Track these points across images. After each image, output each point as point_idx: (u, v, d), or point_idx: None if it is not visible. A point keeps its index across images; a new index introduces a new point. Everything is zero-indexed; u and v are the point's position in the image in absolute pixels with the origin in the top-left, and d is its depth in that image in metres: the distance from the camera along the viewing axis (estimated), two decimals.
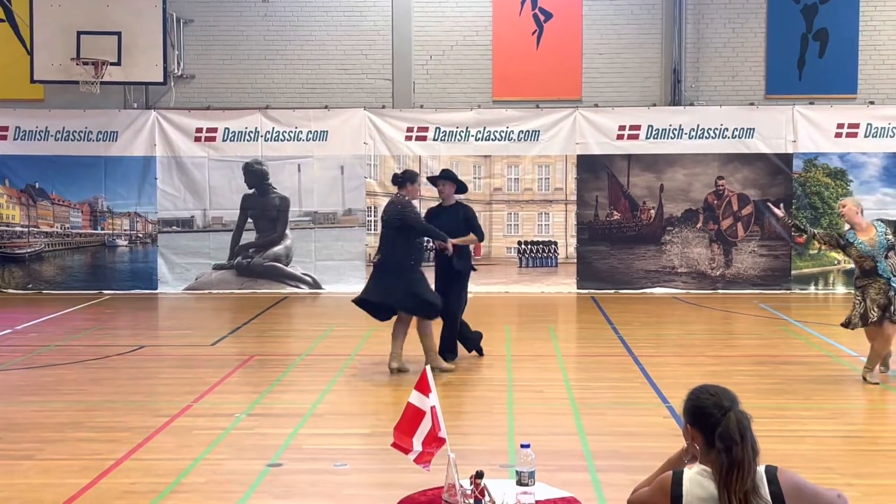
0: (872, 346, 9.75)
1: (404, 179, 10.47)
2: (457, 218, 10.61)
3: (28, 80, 16.39)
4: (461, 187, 11.07)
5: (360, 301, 10.36)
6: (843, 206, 9.94)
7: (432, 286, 10.55)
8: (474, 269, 11.15)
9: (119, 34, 16.05)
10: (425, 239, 10.67)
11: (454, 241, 10.27)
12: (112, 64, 16.00)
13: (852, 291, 10.08)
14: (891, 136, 16.55)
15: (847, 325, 9.89)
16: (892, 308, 9.50)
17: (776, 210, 10.65)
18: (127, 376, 10.37)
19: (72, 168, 16.99)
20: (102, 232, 17.23)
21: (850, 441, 7.90)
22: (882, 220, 10.00)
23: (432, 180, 11.33)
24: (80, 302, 15.86)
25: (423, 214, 10.82)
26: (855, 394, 9.68)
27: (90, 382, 10.04)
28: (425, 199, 14.08)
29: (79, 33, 15.93)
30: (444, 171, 11.48)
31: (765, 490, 3.63)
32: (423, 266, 10.45)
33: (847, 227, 10.00)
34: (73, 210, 17.20)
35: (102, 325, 13.87)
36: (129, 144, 17.00)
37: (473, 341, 11.06)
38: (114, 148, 17.00)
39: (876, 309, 9.51)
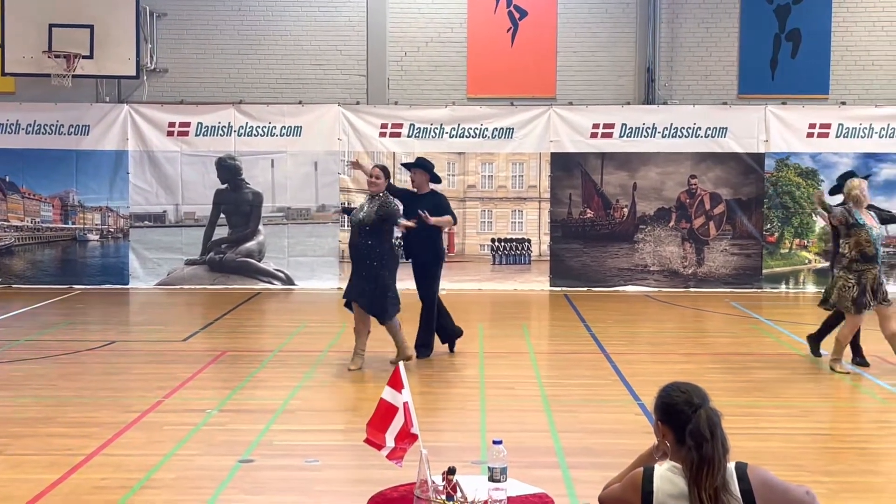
0: (888, 336, 9.95)
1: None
2: (430, 205, 10.54)
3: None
4: (434, 178, 10.99)
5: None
6: (862, 190, 9.99)
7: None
8: (444, 260, 11.10)
9: (92, 27, 15.94)
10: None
11: (434, 219, 10.27)
12: (84, 57, 15.90)
13: (840, 273, 10.10)
14: (862, 137, 16.69)
15: (833, 305, 10.11)
16: (882, 291, 9.91)
17: (822, 197, 10.36)
18: (98, 371, 10.32)
19: (43, 162, 16.87)
20: (73, 226, 17.11)
21: (820, 439, 7.97)
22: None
23: (407, 166, 11.35)
24: (51, 297, 15.76)
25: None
26: (824, 392, 9.76)
27: (60, 377, 9.98)
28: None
29: (51, 26, 15.81)
30: (418, 158, 11.54)
31: (735, 487, 3.66)
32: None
33: (850, 206, 10.08)
34: (44, 204, 17.07)
35: (73, 320, 13.78)
36: (101, 138, 16.89)
37: (449, 334, 11.03)
38: (85, 142, 16.89)
39: (870, 294, 9.78)
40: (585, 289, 16.78)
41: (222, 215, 17.08)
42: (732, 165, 16.80)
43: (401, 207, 10.49)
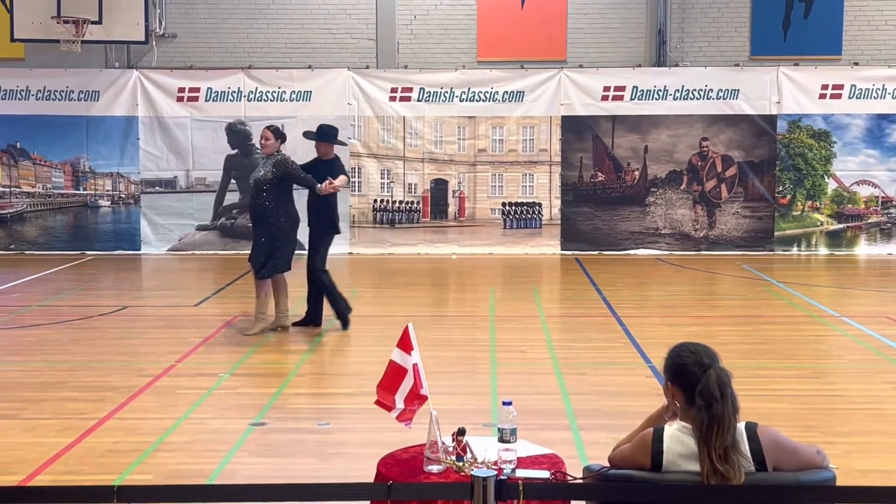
0: None
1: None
2: (333, 171, 10.29)
3: (8, 38, 16.25)
4: (338, 143, 10.77)
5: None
6: None
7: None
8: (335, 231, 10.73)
9: None
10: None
11: (334, 184, 10.05)
12: (93, 22, 15.85)
13: None
14: (874, 98, 16.56)
15: None
16: None
17: None
18: (110, 336, 10.37)
19: (53, 128, 16.86)
20: (85, 192, 17.13)
21: (831, 400, 7.97)
22: None
23: (308, 136, 11.03)
24: (63, 262, 15.81)
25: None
26: (836, 353, 9.76)
27: (73, 342, 10.03)
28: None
29: None
30: (319, 127, 10.98)
31: (745, 446, 3.66)
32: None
33: None
34: (55, 170, 17.09)
35: (85, 286, 13.83)
36: (111, 104, 16.86)
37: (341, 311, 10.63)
38: (95, 108, 16.87)
39: None
40: (596, 252, 16.75)
41: (233, 181, 17.07)
42: (744, 127, 16.70)
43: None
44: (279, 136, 10.26)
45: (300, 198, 10.43)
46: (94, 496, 3.49)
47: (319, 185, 10.00)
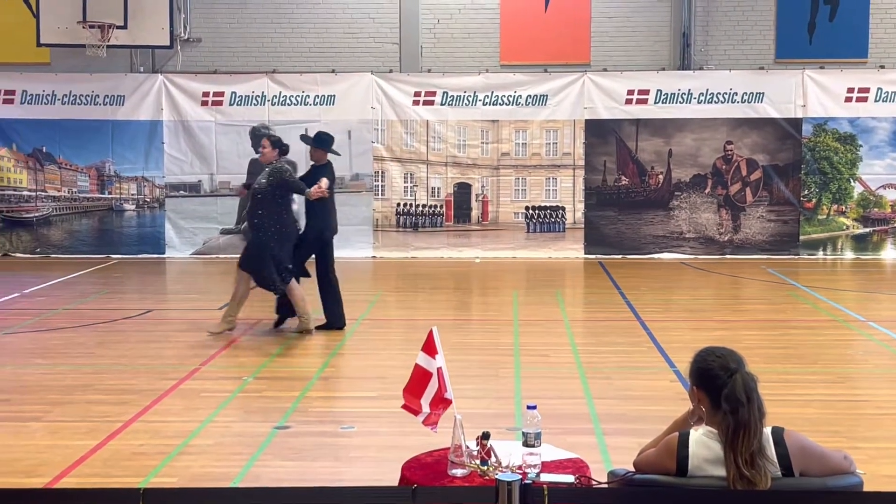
0: None
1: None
2: (324, 177, 10.46)
3: (34, 43, 16.34)
4: (331, 152, 11.02)
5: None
6: None
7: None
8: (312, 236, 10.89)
9: None
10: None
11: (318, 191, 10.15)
12: (118, 27, 15.94)
13: None
14: None
15: None
16: None
17: None
18: (135, 340, 10.41)
19: (79, 132, 16.96)
20: (110, 196, 17.22)
21: (857, 405, 7.91)
22: None
23: (305, 140, 11.36)
24: (88, 266, 15.89)
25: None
26: (861, 358, 9.69)
27: (98, 346, 10.08)
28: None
29: None
30: (317, 133, 11.27)
31: (771, 451, 3.64)
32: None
33: None
34: (81, 174, 17.19)
35: (110, 289, 13.90)
36: (136, 108, 16.95)
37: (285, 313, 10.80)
38: (121, 112, 16.96)
39: None
40: (620, 256, 16.70)
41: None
42: (769, 131, 16.62)
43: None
44: (277, 146, 10.38)
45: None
46: (119, 499, 3.49)
47: (308, 190, 10.10)
